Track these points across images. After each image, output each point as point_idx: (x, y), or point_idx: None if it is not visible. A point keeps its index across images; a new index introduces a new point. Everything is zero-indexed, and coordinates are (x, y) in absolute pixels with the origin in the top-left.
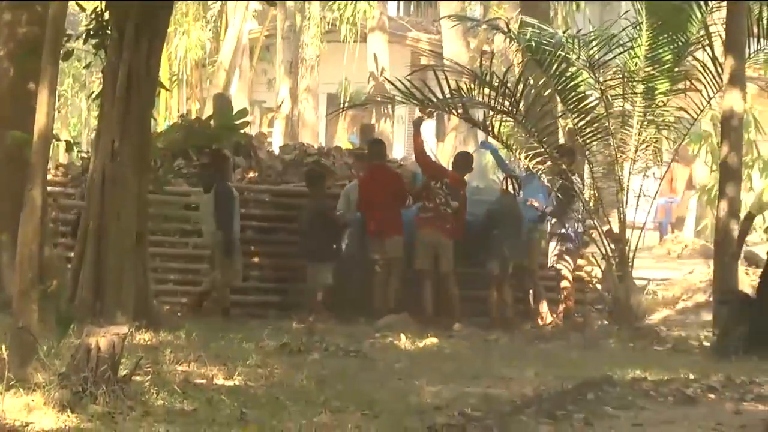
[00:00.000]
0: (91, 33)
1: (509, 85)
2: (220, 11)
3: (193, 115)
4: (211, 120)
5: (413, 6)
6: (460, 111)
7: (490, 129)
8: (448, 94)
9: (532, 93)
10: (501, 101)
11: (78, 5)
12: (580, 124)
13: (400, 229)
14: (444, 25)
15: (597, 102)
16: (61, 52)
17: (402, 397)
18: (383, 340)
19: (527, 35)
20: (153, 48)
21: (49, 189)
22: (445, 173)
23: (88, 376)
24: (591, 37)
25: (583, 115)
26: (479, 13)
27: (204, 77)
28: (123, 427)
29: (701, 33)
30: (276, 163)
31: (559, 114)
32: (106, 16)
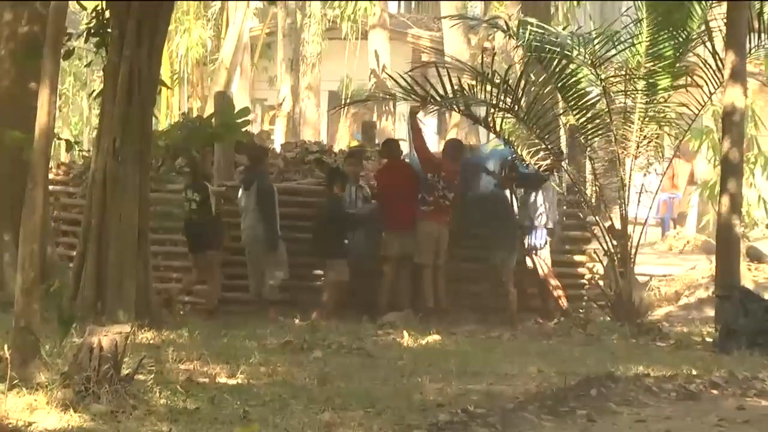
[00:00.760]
0: (92, 31)
1: (510, 83)
2: (221, 9)
3: (195, 114)
4: (213, 118)
5: (414, 3)
6: (462, 108)
7: (491, 126)
8: (449, 90)
9: (533, 90)
10: (503, 98)
11: (79, 4)
12: (581, 120)
13: (413, 225)
14: (445, 23)
15: (598, 98)
16: (62, 50)
17: (405, 395)
18: (386, 337)
19: (528, 33)
20: (154, 46)
21: (51, 188)
22: (441, 165)
23: (90, 375)
24: (592, 34)
25: (585, 112)
26: (480, 11)
27: (205, 75)
28: (126, 426)
29: (702, 29)
30: (278, 161)
31: (561, 111)
32: (107, 14)
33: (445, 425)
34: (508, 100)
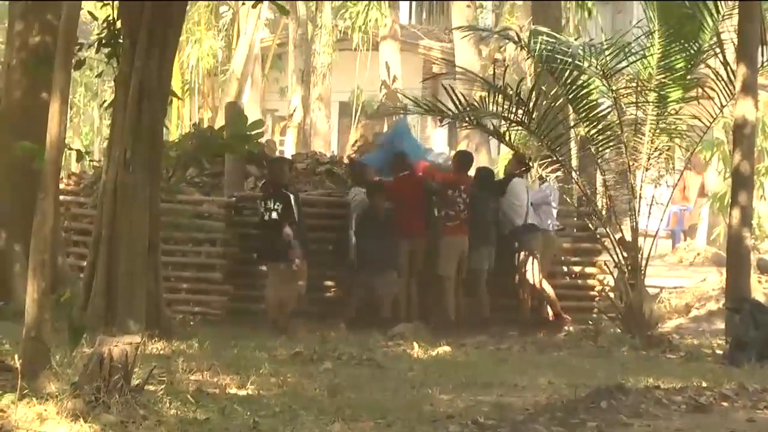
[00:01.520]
0: (103, 42)
1: (522, 95)
2: (232, 20)
3: (205, 124)
4: (224, 130)
5: (425, 14)
6: (473, 120)
7: (503, 137)
8: (460, 103)
9: (544, 103)
10: (514, 111)
11: (90, 14)
12: (592, 132)
13: (423, 236)
14: (456, 34)
15: (609, 110)
16: (73, 61)
17: (415, 406)
18: (396, 348)
19: (539, 43)
20: (165, 57)
21: (62, 198)
22: (459, 180)
23: (100, 385)
24: (603, 46)
25: (596, 123)
26: (491, 21)
27: (216, 86)
28: None
29: (713, 40)
30: None
31: (572, 124)
32: (118, 24)
33: None
34: (519, 112)
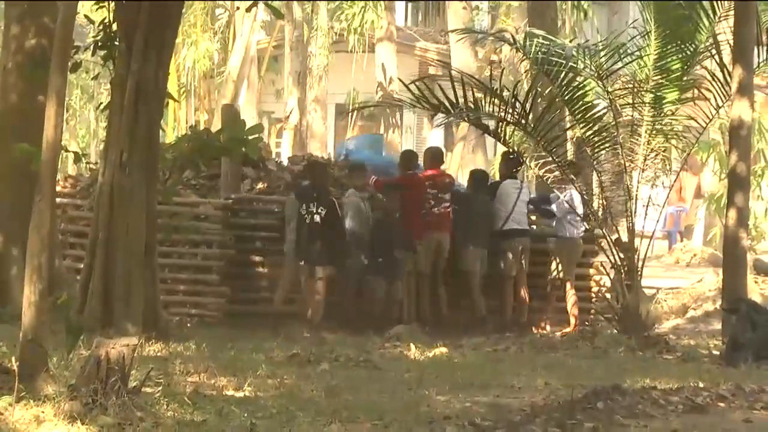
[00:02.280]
0: (99, 44)
1: (518, 96)
2: (228, 22)
3: (202, 126)
4: (221, 133)
5: (421, 16)
6: (471, 118)
7: (500, 137)
8: (457, 101)
9: (540, 103)
10: (510, 112)
11: (86, 17)
12: (588, 133)
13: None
14: (452, 36)
15: (605, 111)
16: (70, 63)
17: (412, 407)
18: (393, 350)
19: (534, 46)
20: (161, 59)
21: (58, 200)
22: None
23: (98, 387)
24: (599, 47)
25: (592, 125)
26: (487, 23)
27: (212, 88)
28: None
29: (710, 42)
30: (285, 174)
31: (568, 125)
32: (114, 27)
33: None
34: (515, 113)
